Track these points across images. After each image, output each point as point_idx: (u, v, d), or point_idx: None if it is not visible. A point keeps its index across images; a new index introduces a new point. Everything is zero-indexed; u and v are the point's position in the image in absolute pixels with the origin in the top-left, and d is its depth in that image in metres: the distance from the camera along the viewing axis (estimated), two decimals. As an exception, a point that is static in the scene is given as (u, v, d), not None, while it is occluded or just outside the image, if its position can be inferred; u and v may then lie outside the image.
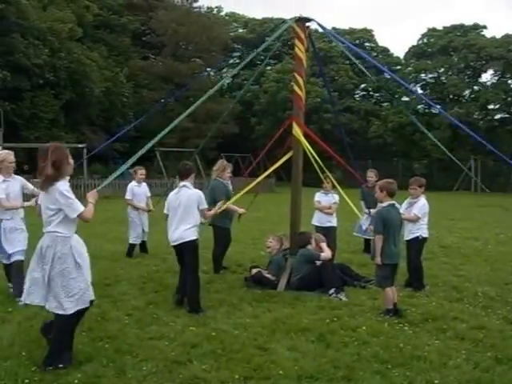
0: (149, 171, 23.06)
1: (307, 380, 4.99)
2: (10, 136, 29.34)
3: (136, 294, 7.93)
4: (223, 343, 5.82)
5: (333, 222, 10.56)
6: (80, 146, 31.77)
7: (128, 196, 11.31)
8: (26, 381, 4.80)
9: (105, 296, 7.75)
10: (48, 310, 5.30)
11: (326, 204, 10.52)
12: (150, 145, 7.11)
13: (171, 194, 7.46)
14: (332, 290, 7.94)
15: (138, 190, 11.38)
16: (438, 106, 42.12)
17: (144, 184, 11.56)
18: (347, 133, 45.68)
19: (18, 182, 7.65)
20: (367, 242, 11.68)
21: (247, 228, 15.75)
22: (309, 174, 9.56)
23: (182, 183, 7.34)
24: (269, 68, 48.84)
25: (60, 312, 5.12)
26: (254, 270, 8.86)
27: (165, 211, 7.45)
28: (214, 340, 5.92)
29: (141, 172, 11.45)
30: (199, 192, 7.30)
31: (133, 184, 11.40)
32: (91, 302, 5.32)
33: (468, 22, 48.18)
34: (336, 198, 10.52)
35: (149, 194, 11.58)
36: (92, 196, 5.51)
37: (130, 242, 11.21)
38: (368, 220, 11.05)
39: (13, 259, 7.48)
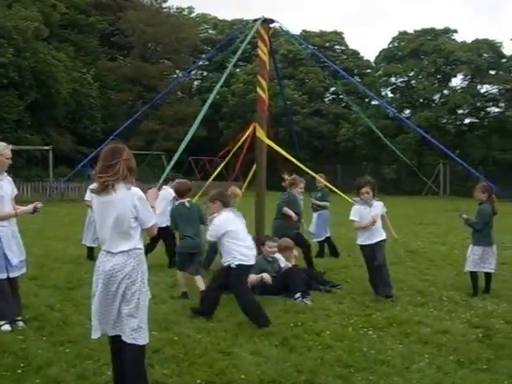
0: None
1: (269, 384, 4.93)
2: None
3: (99, 298, 7.78)
4: (186, 348, 5.75)
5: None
6: (46, 148, 31.32)
7: (87, 197, 11.01)
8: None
9: (67, 300, 7.68)
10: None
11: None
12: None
13: None
14: (298, 294, 7.89)
15: None
16: (404, 114, 42.45)
17: None
18: (316, 137, 45.99)
19: (9, 184, 6.50)
20: (321, 246, 12.08)
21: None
22: (274, 178, 9.52)
23: None
24: (238, 70, 48.77)
25: (142, 342, 4.46)
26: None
27: None
28: (176, 345, 5.84)
29: None
30: None
31: (93, 185, 11.14)
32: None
33: (439, 26, 48.72)
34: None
35: None
36: (152, 196, 4.88)
37: (88, 244, 11.01)
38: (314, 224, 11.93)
39: (18, 272, 6.47)
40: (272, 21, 8.94)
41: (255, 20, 8.96)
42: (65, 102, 36.07)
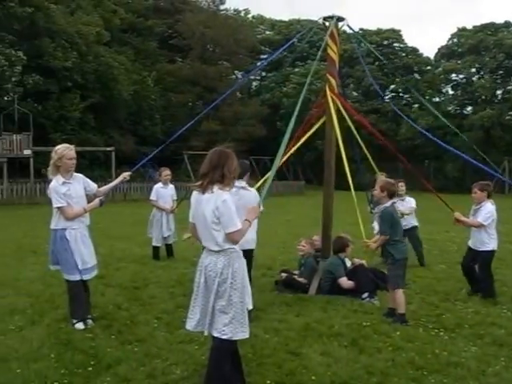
0: (176, 174, 22.69)
1: (340, 386, 4.85)
2: (39, 140, 29.63)
3: (165, 298, 7.83)
4: (254, 347, 5.70)
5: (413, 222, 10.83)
6: (108, 149, 32.04)
7: (152, 197, 11.14)
8: (56, 383, 4.77)
9: (134, 299, 7.72)
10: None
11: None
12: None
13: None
14: (365, 294, 7.77)
15: (163, 192, 11.17)
16: (466, 111, 41.21)
17: (171, 186, 11.39)
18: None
19: (79, 183, 6.51)
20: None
21: (277, 231, 15.59)
22: (340, 177, 9.21)
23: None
24: (296, 70, 48.60)
25: (229, 336, 4.51)
26: (284, 274, 8.72)
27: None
28: (244, 344, 5.75)
29: (165, 173, 11.29)
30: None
31: (158, 185, 11.26)
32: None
33: (499, 20, 47.54)
34: (413, 202, 10.86)
35: (175, 197, 11.35)
36: (253, 213, 4.85)
37: (153, 244, 11.12)
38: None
39: (85, 276, 6.50)
40: (342, 19, 8.66)
41: (326, 18, 8.63)
42: (126, 103, 36.79)
